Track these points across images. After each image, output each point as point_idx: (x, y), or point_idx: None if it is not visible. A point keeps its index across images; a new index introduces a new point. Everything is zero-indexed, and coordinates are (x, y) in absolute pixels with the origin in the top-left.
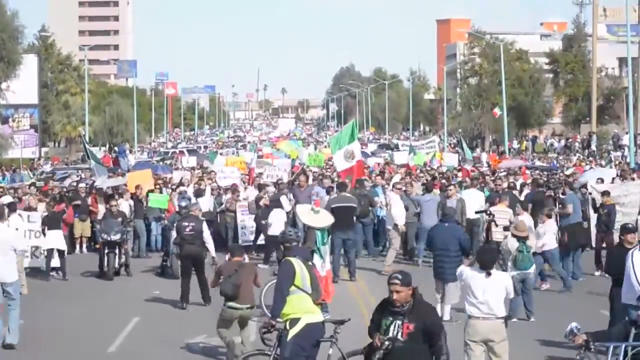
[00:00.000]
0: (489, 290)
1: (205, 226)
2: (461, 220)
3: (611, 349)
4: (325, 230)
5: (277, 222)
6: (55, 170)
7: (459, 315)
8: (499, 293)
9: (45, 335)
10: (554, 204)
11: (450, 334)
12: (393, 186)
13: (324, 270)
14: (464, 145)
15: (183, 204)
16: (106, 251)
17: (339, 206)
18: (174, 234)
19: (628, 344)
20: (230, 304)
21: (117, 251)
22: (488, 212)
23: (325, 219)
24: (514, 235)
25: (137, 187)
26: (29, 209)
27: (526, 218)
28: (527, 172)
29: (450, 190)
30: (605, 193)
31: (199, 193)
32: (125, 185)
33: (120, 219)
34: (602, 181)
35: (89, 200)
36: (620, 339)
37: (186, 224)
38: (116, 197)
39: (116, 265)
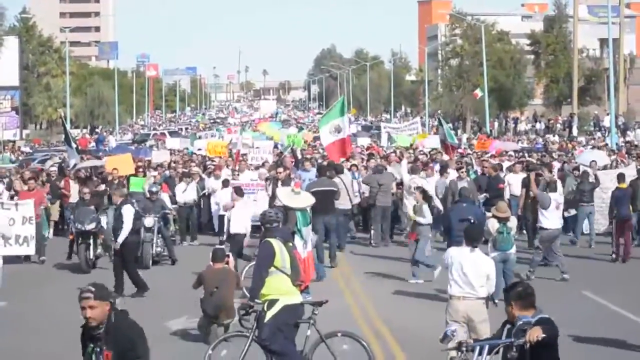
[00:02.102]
0: (471, 269)
1: None
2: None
3: (477, 348)
4: (306, 211)
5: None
6: (35, 152)
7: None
8: (480, 273)
9: (28, 318)
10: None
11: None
12: (414, 171)
13: (305, 252)
14: (445, 126)
15: (154, 189)
16: (79, 242)
17: (318, 190)
18: (147, 221)
19: (492, 342)
20: (212, 319)
21: (91, 241)
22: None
23: (305, 200)
24: (494, 216)
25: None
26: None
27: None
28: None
29: (463, 172)
30: (621, 176)
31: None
32: (103, 167)
33: (94, 207)
34: (596, 163)
35: (62, 183)
36: (499, 337)
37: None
38: (94, 179)
39: (91, 257)
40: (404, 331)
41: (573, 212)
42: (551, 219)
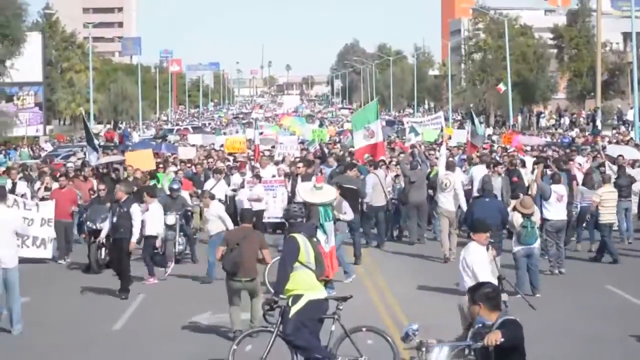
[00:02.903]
0: (460, 262)
1: None
2: (505, 199)
3: (436, 349)
4: (328, 206)
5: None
6: (59, 148)
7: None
8: (463, 266)
9: (50, 314)
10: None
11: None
12: (449, 167)
13: (328, 246)
14: (475, 120)
15: (175, 186)
16: (91, 241)
17: (341, 186)
18: (169, 218)
19: (451, 344)
20: (231, 277)
21: (104, 241)
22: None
23: (327, 195)
24: (518, 211)
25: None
26: (46, 189)
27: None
28: (529, 148)
29: (499, 168)
30: None
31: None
32: (122, 163)
33: (108, 205)
34: (623, 157)
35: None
36: (465, 338)
37: None
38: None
39: (103, 257)
40: (429, 327)
41: None
42: (553, 210)
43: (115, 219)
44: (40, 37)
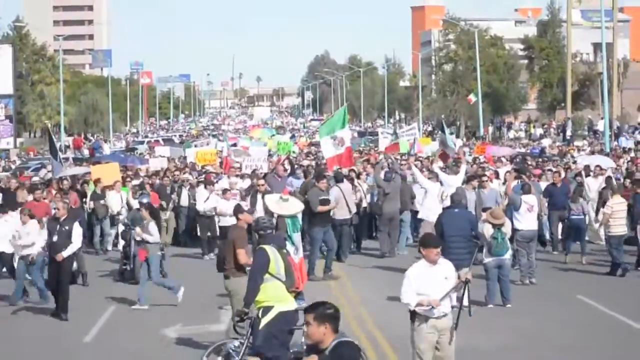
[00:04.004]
0: None
1: None
2: (478, 212)
3: None
4: (296, 217)
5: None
6: (29, 160)
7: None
8: None
9: (20, 328)
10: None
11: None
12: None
13: (297, 258)
14: (446, 130)
15: (145, 200)
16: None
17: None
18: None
19: None
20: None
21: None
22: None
23: (294, 207)
24: (489, 222)
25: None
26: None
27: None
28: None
29: (486, 182)
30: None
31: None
32: (88, 175)
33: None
34: (601, 168)
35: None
36: None
37: None
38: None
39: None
40: (399, 337)
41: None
42: (523, 220)
43: (55, 238)
44: (10, 49)
